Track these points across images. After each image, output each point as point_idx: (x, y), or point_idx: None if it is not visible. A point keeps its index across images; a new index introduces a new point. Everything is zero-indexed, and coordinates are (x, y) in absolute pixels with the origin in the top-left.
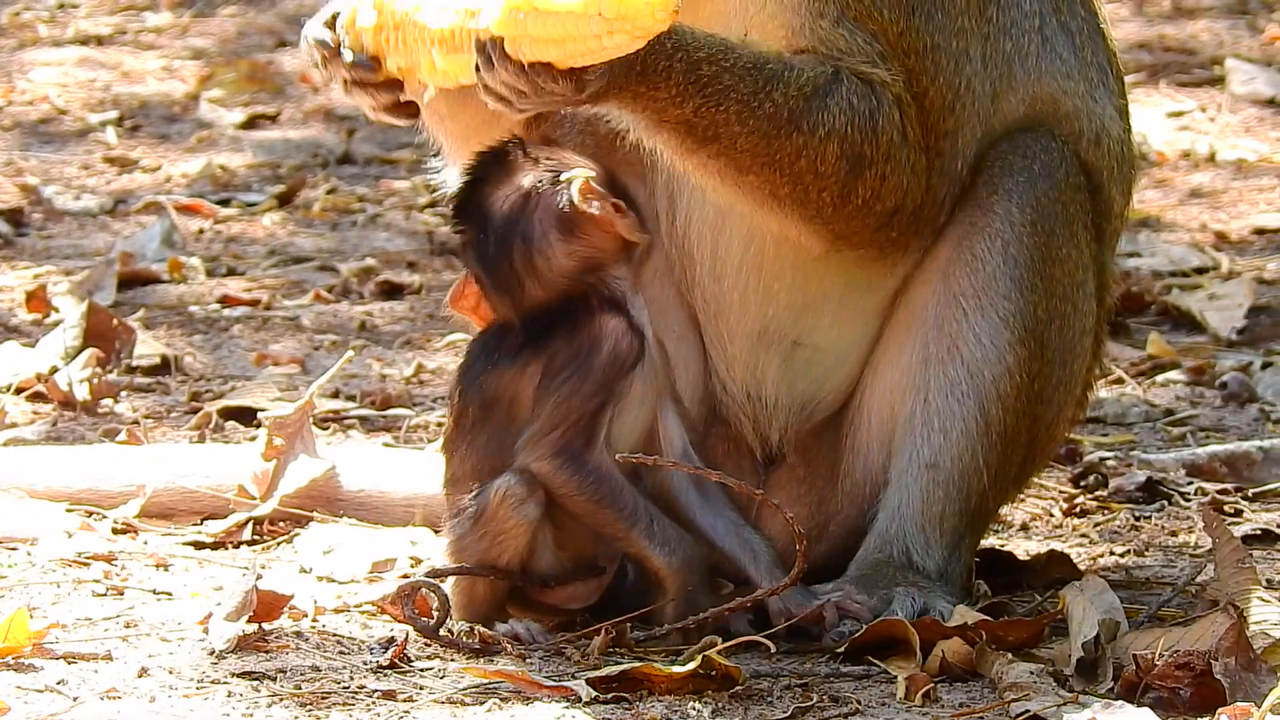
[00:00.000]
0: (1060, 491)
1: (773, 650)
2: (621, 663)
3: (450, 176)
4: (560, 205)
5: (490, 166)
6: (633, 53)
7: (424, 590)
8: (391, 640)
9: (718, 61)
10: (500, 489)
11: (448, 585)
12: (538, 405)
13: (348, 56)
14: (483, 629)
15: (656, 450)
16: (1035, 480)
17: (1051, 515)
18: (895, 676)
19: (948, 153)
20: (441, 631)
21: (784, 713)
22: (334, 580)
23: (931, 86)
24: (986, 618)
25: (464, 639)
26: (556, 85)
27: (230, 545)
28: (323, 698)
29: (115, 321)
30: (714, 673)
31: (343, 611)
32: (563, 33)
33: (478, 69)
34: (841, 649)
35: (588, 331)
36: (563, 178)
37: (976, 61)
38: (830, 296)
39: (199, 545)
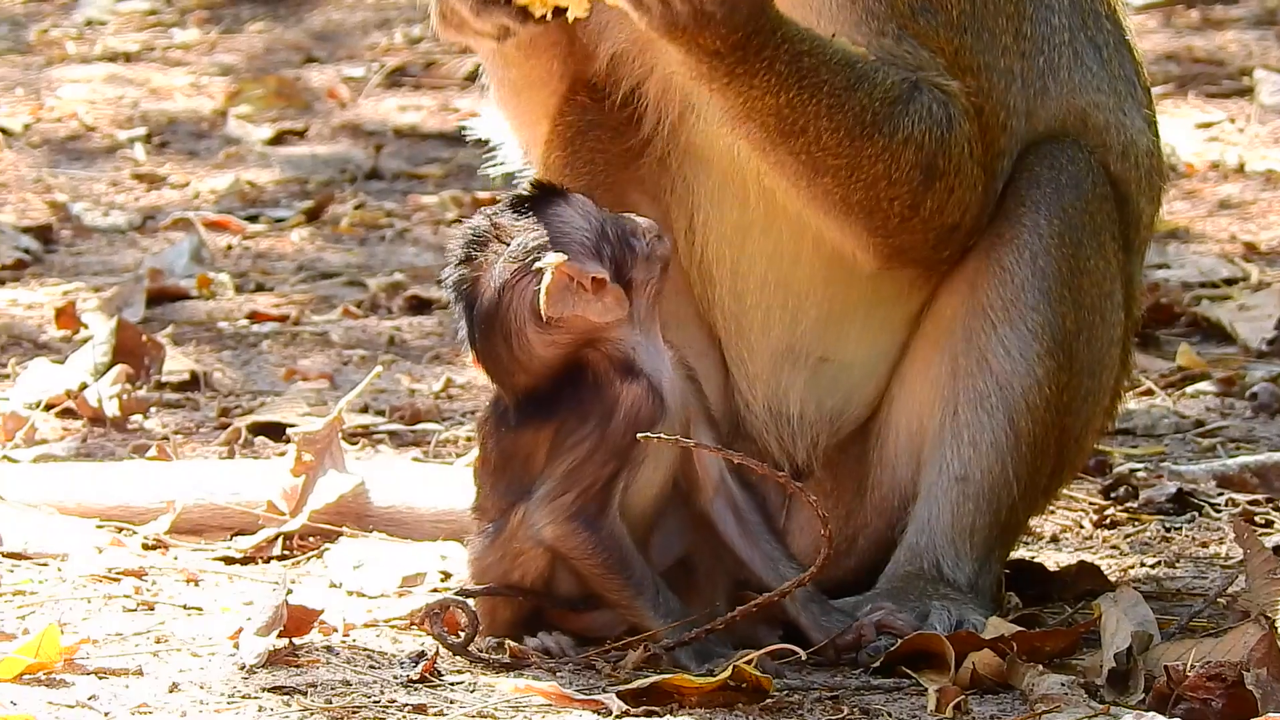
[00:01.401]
0: (1091, 503)
1: (804, 660)
2: (651, 675)
3: (486, 126)
4: (531, 301)
5: (471, 249)
6: (753, 15)
7: (452, 608)
8: (422, 654)
9: (817, 54)
10: (520, 512)
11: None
12: (550, 465)
13: None
14: (512, 643)
15: (694, 481)
16: (1065, 492)
17: (1082, 527)
18: (926, 689)
19: (998, 173)
20: (470, 649)
21: None
22: (364, 595)
23: (987, 105)
24: (1019, 629)
25: (494, 653)
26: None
27: (260, 560)
28: (353, 712)
29: (144, 338)
30: (744, 685)
31: (373, 626)
32: None
33: None
34: (877, 663)
35: (601, 398)
36: (534, 268)
37: (1020, 79)
38: (857, 311)
39: (229, 560)
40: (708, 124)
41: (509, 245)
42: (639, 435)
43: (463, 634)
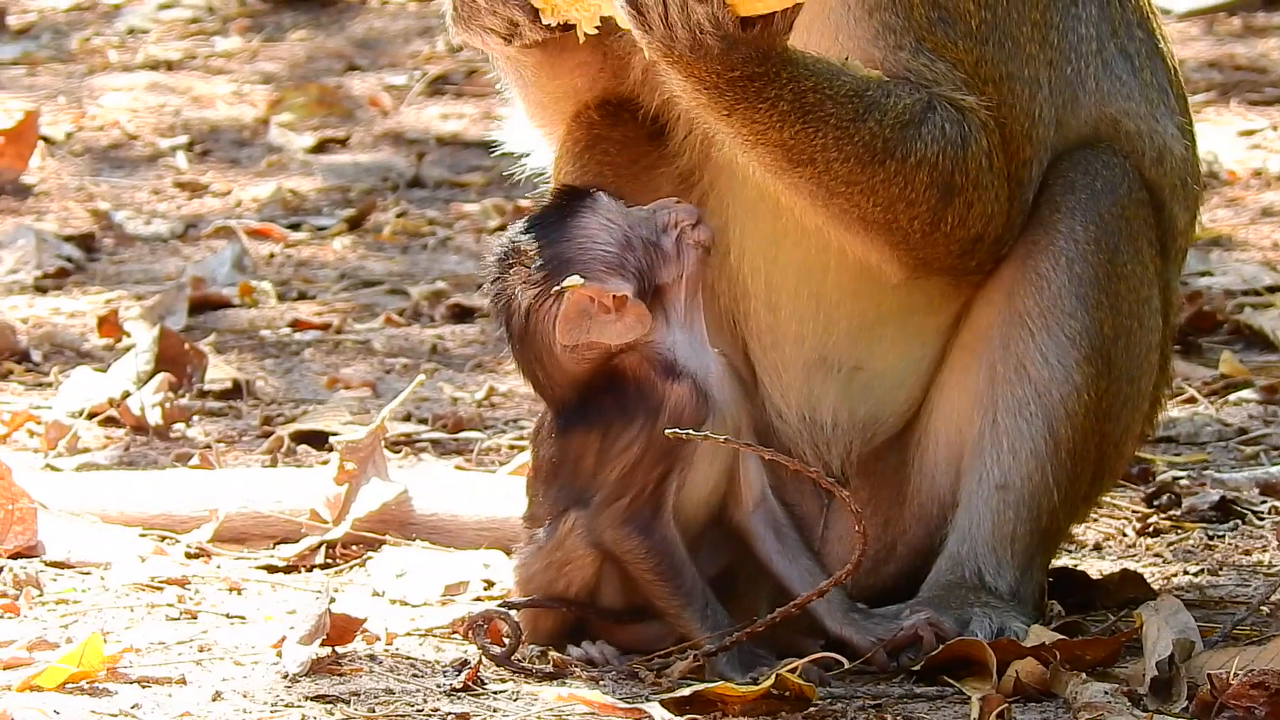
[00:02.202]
0: (1133, 511)
1: (846, 669)
2: (695, 684)
3: (515, 137)
4: (554, 324)
5: (498, 269)
6: (756, 57)
7: (496, 618)
8: (465, 663)
9: (822, 90)
10: (571, 519)
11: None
12: (600, 471)
13: None
14: (555, 653)
15: (736, 494)
16: (1108, 500)
17: (1124, 535)
18: (969, 697)
19: (1026, 182)
20: (513, 658)
21: None
22: (407, 603)
23: (1009, 116)
24: (1062, 637)
25: (537, 663)
26: (719, 11)
27: (303, 569)
28: None
29: (187, 346)
30: (788, 693)
31: (415, 635)
32: None
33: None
34: (917, 667)
35: (645, 400)
36: (553, 291)
37: (1046, 88)
38: (890, 320)
39: (272, 569)
40: None
41: (530, 267)
42: (668, 431)
43: (506, 644)
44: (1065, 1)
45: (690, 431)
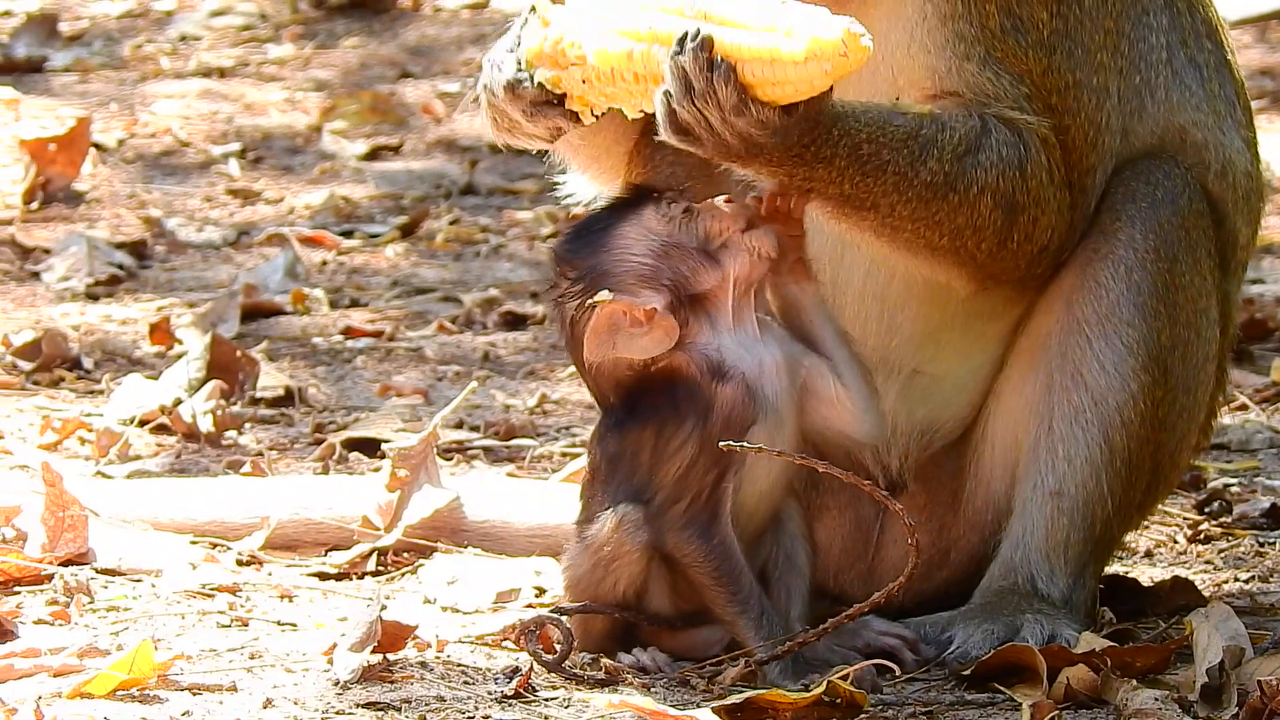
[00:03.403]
0: (1184, 518)
1: (898, 675)
2: (746, 690)
3: (573, 189)
4: (585, 337)
5: (552, 278)
6: (809, 128)
7: (547, 625)
8: (516, 670)
9: (876, 139)
10: (616, 515)
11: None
12: (655, 470)
13: (528, 84)
14: (607, 660)
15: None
16: (1159, 507)
17: (1176, 542)
18: (1020, 704)
19: (1090, 189)
20: (565, 665)
21: None
22: (458, 611)
23: (1074, 124)
24: (1113, 644)
25: (588, 669)
26: (762, 115)
27: (355, 576)
28: None
29: (239, 353)
30: (839, 700)
31: (467, 642)
32: (780, 75)
33: (669, 95)
34: (968, 672)
35: (695, 401)
36: (587, 304)
37: (1114, 97)
38: (953, 325)
39: (323, 576)
40: None
41: (571, 278)
42: (722, 445)
43: (558, 650)
44: (1138, 11)
45: (745, 444)
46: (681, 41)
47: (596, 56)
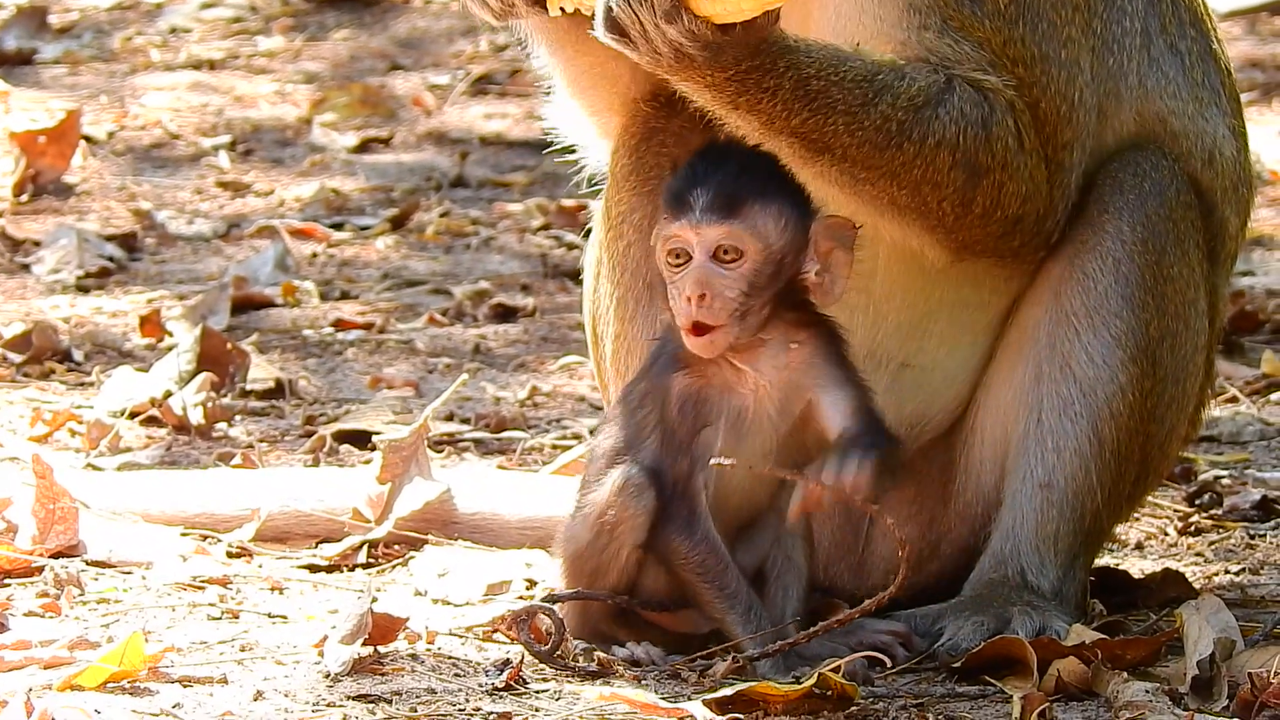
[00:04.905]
0: (1175, 510)
1: (889, 668)
2: (737, 683)
3: (556, 113)
4: None
5: None
6: (746, 54)
7: (539, 614)
8: (507, 662)
9: (827, 76)
10: (620, 477)
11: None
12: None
13: None
14: (600, 653)
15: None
16: (1150, 499)
17: (1166, 534)
18: (1011, 696)
19: (1068, 165)
20: (557, 655)
21: None
22: (449, 603)
23: (1044, 97)
24: (1103, 636)
25: (580, 661)
26: (694, 25)
27: (345, 568)
28: None
29: (229, 345)
30: (830, 693)
31: (458, 634)
32: None
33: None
34: (958, 664)
35: (656, 394)
36: None
37: (1087, 73)
38: (939, 316)
39: (314, 568)
40: None
41: None
42: (712, 462)
43: (550, 640)
44: None
45: (725, 460)
46: None
47: None
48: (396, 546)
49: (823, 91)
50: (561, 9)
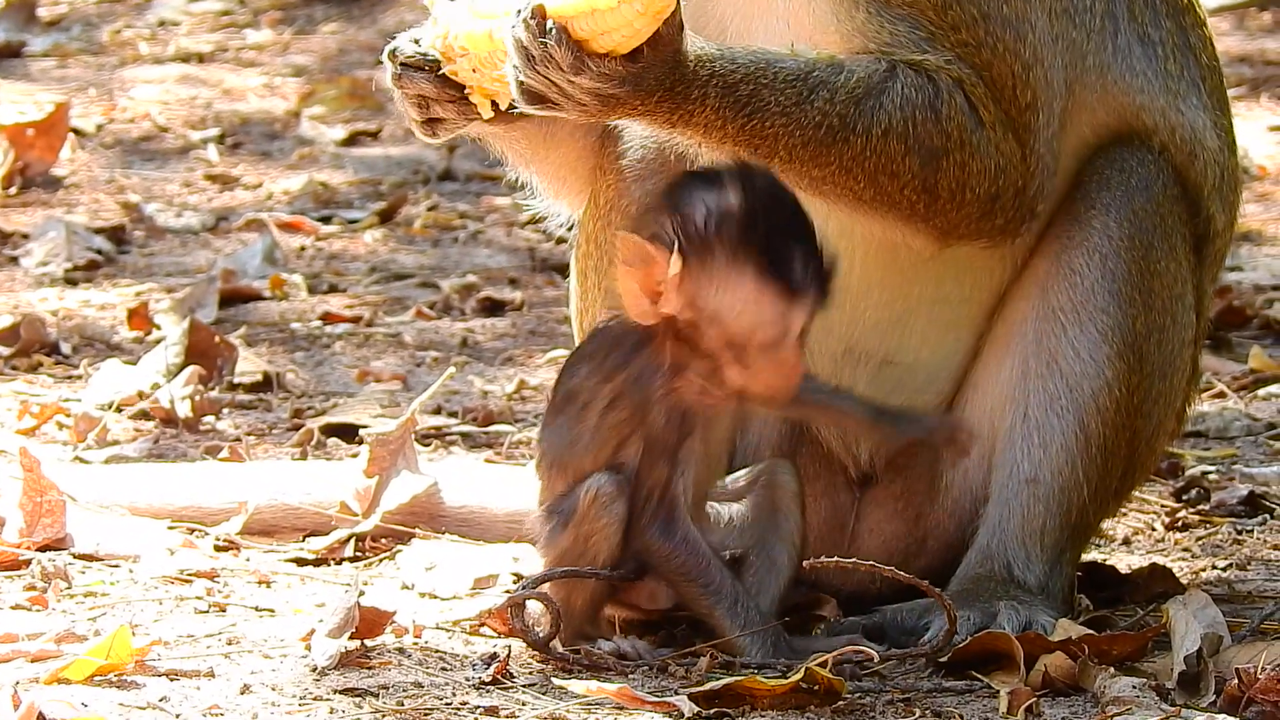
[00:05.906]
0: (1162, 505)
1: (876, 662)
2: (724, 677)
3: (545, 207)
4: None
5: None
6: (666, 72)
7: (534, 600)
8: (494, 656)
9: (755, 79)
10: (590, 489)
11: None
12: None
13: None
14: (587, 647)
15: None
16: (1137, 494)
17: (1153, 529)
18: (998, 691)
19: (1034, 127)
20: (553, 644)
21: None
22: (436, 597)
23: (995, 57)
24: (1090, 631)
25: (569, 655)
26: (603, 68)
27: (332, 562)
28: (425, 714)
29: (217, 339)
30: (817, 687)
31: (445, 628)
32: (603, 24)
33: (515, 68)
34: (945, 658)
35: (634, 399)
36: None
37: (1041, 31)
38: (919, 312)
39: (301, 562)
40: None
41: None
42: (806, 564)
43: (543, 630)
44: None
45: (824, 559)
46: (517, 14)
47: (466, 40)
48: (384, 540)
49: (753, 95)
50: (494, 104)
